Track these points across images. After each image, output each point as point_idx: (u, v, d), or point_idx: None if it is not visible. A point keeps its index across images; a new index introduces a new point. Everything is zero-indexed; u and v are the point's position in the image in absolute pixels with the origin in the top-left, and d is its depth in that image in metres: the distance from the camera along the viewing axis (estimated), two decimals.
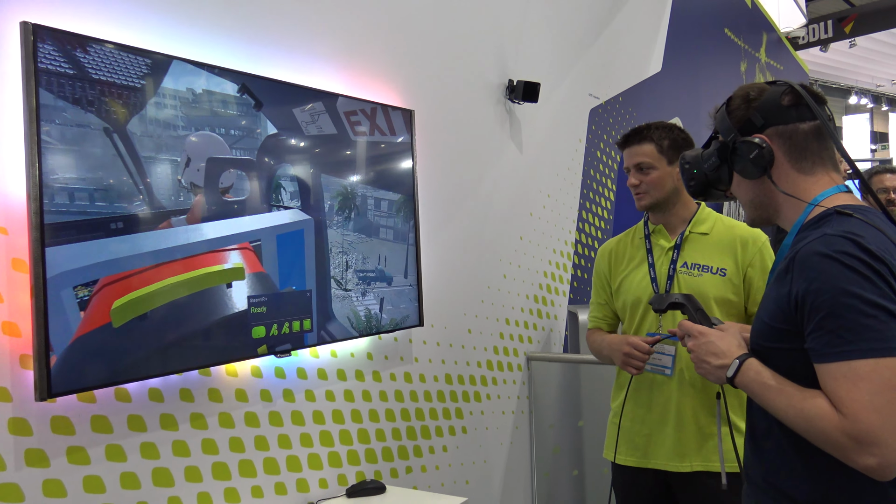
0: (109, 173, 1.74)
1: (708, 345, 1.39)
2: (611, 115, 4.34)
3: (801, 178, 1.35)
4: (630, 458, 2.18)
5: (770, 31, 8.33)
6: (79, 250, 1.66)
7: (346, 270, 2.37)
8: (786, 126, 1.34)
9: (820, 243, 1.19)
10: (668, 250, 2.17)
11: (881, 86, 18.30)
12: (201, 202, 1.96)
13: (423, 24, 2.86)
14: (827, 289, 1.16)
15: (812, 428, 1.17)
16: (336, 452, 2.41)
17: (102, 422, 1.75)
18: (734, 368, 1.31)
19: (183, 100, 1.91)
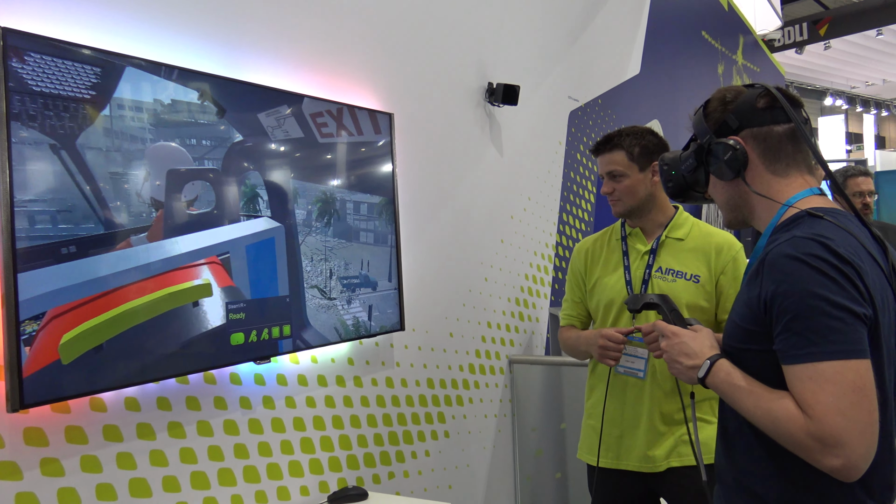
0: (58, 193, 1.63)
1: (681, 345, 1.40)
2: (590, 117, 4.36)
3: (775, 179, 1.35)
4: (603, 460, 2.18)
5: (746, 34, 8.41)
6: (24, 280, 1.55)
7: (329, 278, 2.35)
8: (760, 128, 1.34)
9: (788, 245, 1.20)
10: (643, 254, 2.17)
11: (855, 87, 18.54)
12: (163, 217, 1.87)
13: (403, 28, 2.84)
14: (794, 291, 1.16)
15: (779, 429, 1.18)
16: (317, 459, 2.39)
17: (77, 432, 1.71)
18: (705, 369, 1.32)
19: (140, 109, 1.82)
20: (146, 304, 1.80)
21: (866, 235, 1.27)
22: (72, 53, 1.68)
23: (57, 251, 1.63)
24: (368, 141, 2.57)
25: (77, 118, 1.69)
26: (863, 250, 1.21)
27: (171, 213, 1.89)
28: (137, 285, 1.78)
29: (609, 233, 2.31)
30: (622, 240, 2.24)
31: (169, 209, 1.89)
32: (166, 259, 1.85)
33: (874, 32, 12.76)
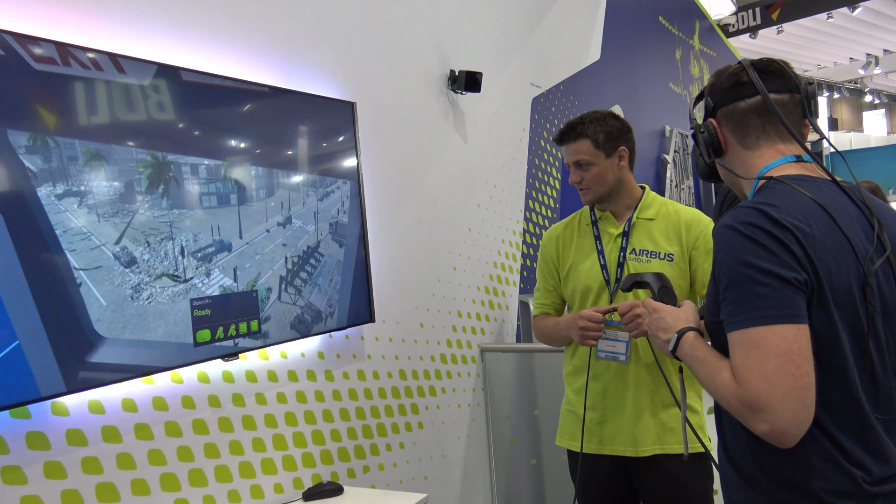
0: None
1: (658, 320, 1.43)
2: (552, 103, 4.36)
3: (747, 153, 1.37)
4: (587, 445, 2.17)
5: (702, 19, 8.50)
6: None
7: (321, 272, 2.30)
8: (727, 107, 1.37)
9: (729, 216, 1.23)
10: (616, 237, 2.16)
11: (808, 70, 18.91)
12: None
13: (363, 16, 2.80)
14: (726, 259, 1.20)
15: (720, 397, 1.20)
16: (290, 456, 2.34)
17: (39, 438, 1.65)
18: (673, 342, 1.36)
19: None
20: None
21: (838, 201, 1.26)
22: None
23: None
24: (332, 132, 2.52)
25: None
26: (820, 214, 1.21)
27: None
28: None
29: (577, 218, 2.29)
30: (592, 224, 2.22)
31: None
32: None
33: (825, 16, 13.03)
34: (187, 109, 2.00)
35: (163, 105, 1.93)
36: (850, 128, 22.22)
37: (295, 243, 2.32)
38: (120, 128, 1.82)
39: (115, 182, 1.78)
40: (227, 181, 2.09)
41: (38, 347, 1.60)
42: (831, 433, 1.19)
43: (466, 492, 3.24)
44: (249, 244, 2.15)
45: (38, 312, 1.60)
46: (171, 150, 1.94)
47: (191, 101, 2.00)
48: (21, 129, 1.59)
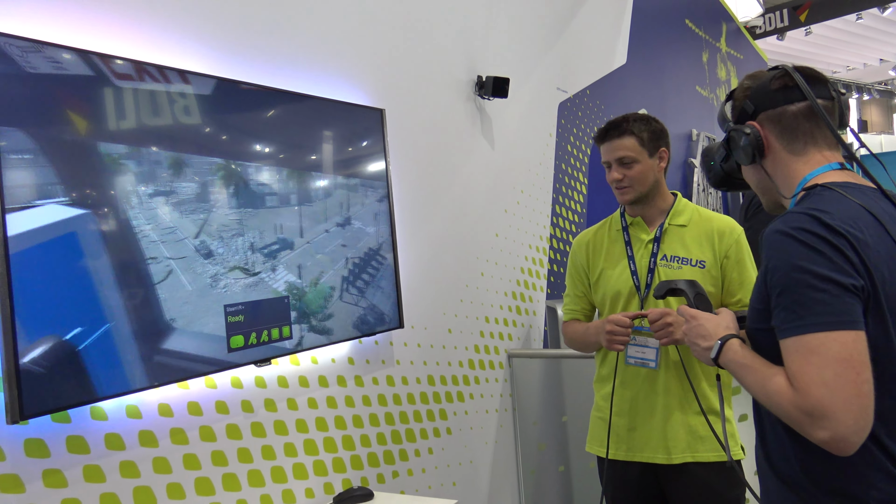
0: None
1: (697, 328, 1.41)
2: (579, 108, 4.34)
3: (793, 158, 1.35)
4: (616, 452, 2.16)
5: (729, 21, 8.42)
6: None
7: (352, 278, 2.33)
8: (774, 110, 1.35)
9: (780, 221, 1.22)
10: (647, 243, 2.15)
11: (836, 72, 18.65)
12: None
13: (392, 24, 2.82)
14: (780, 265, 1.18)
15: (773, 404, 1.19)
16: (321, 461, 2.36)
17: (79, 442, 1.68)
18: (716, 349, 1.34)
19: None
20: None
21: (885, 209, 1.26)
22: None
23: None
24: (361, 138, 2.54)
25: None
26: (870, 221, 1.20)
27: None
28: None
29: (608, 223, 2.28)
30: (623, 230, 2.21)
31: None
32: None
33: (854, 17, 12.84)
34: (246, 118, 2.04)
35: (225, 114, 1.99)
36: (880, 130, 21.86)
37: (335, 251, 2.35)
38: (191, 134, 1.93)
39: (192, 183, 1.91)
40: (281, 184, 2.12)
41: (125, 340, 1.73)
42: (883, 442, 1.18)
43: (494, 497, 3.24)
44: (310, 243, 2.28)
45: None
46: (235, 157, 2.03)
47: (247, 110, 2.05)
48: (114, 140, 1.76)
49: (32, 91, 1.60)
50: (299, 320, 2.22)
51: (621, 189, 2.14)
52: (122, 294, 1.74)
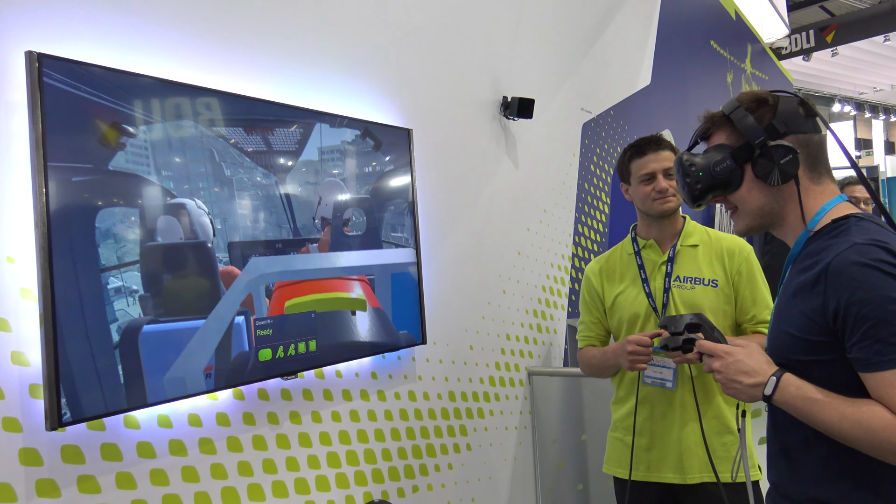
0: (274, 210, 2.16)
1: (737, 363, 1.34)
2: (603, 128, 4.38)
3: (813, 187, 1.36)
4: (635, 473, 2.18)
5: (754, 42, 8.43)
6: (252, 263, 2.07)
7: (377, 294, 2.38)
8: (804, 135, 1.35)
9: (854, 253, 1.20)
10: (661, 264, 2.18)
11: (863, 93, 18.53)
12: (329, 234, 2.32)
13: (420, 45, 2.88)
14: (871, 298, 1.16)
15: (875, 439, 1.16)
16: (343, 473, 2.40)
17: (112, 449, 1.74)
18: (772, 385, 1.28)
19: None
20: (328, 298, 2.31)
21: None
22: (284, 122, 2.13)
23: (273, 246, 2.14)
24: (393, 158, 2.60)
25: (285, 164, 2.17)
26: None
27: (335, 232, 2.35)
28: (318, 282, 2.28)
29: (619, 250, 2.32)
30: (636, 254, 2.25)
31: (334, 228, 2.35)
32: (331, 268, 2.33)
33: (881, 38, 12.78)
34: (280, 136, 2.10)
35: (260, 134, 2.04)
36: None
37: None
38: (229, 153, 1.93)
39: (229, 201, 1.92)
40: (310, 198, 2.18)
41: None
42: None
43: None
44: (337, 258, 2.38)
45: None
46: (271, 172, 2.06)
47: (282, 129, 2.11)
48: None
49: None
50: (325, 335, 2.27)
51: (666, 198, 2.15)
52: (158, 308, 1.80)
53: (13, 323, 1.58)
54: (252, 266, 2.08)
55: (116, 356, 1.70)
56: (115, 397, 1.69)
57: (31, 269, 1.59)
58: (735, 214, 1.44)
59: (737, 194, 1.40)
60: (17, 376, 1.58)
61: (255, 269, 2.09)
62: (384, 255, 2.54)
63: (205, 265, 1.94)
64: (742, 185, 1.39)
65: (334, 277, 2.34)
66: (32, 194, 1.58)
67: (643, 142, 2.21)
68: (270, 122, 2.15)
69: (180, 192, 1.88)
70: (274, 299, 2.13)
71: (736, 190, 1.40)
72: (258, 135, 2.11)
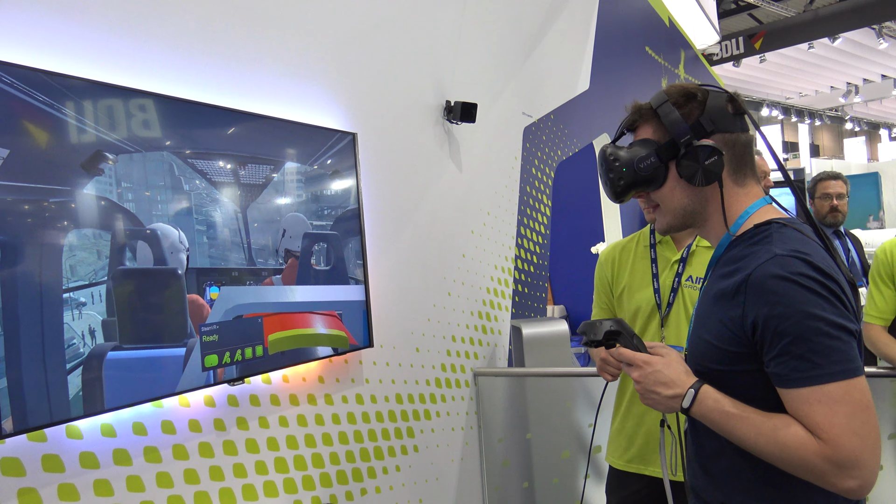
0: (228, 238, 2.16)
1: (655, 374, 1.29)
2: (543, 132, 4.46)
3: (736, 189, 1.32)
4: (629, 464, 2.22)
5: (687, 49, 8.69)
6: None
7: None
8: (731, 134, 1.30)
9: (774, 265, 1.16)
10: (673, 263, 2.19)
11: (790, 98, 19.26)
12: (296, 266, 2.35)
13: (364, 49, 2.89)
14: (790, 313, 1.13)
15: (788, 456, 1.14)
16: (291, 478, 2.39)
17: (54, 461, 1.70)
18: (690, 398, 1.24)
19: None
20: (310, 335, 2.39)
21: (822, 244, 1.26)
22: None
23: (228, 274, 2.13)
24: (336, 163, 2.60)
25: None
26: (833, 262, 1.20)
27: (303, 264, 2.38)
28: (286, 316, 2.31)
29: (637, 239, 2.32)
30: (651, 247, 2.25)
31: (303, 261, 2.38)
32: (301, 302, 2.36)
33: (806, 46, 13.33)
34: (221, 141, 2.08)
35: (199, 138, 2.01)
36: (831, 154, 22.58)
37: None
38: (162, 156, 1.90)
39: (169, 203, 1.87)
40: (254, 205, 2.16)
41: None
42: None
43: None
44: (282, 263, 2.35)
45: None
46: (209, 179, 2.02)
47: (223, 134, 2.08)
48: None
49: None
50: (271, 339, 2.26)
51: (651, 213, 2.18)
52: (98, 314, 1.77)
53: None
54: (225, 295, 2.09)
55: (57, 367, 1.66)
56: (56, 407, 1.66)
57: None
58: (656, 211, 1.40)
59: (659, 192, 1.36)
60: None
61: (230, 299, 2.10)
62: (352, 290, 2.63)
63: (175, 293, 1.96)
64: (665, 184, 1.34)
65: (307, 311, 2.40)
66: None
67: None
68: (215, 129, 2.13)
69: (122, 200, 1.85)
70: (250, 329, 2.18)
71: (659, 188, 1.35)
72: (204, 144, 2.09)
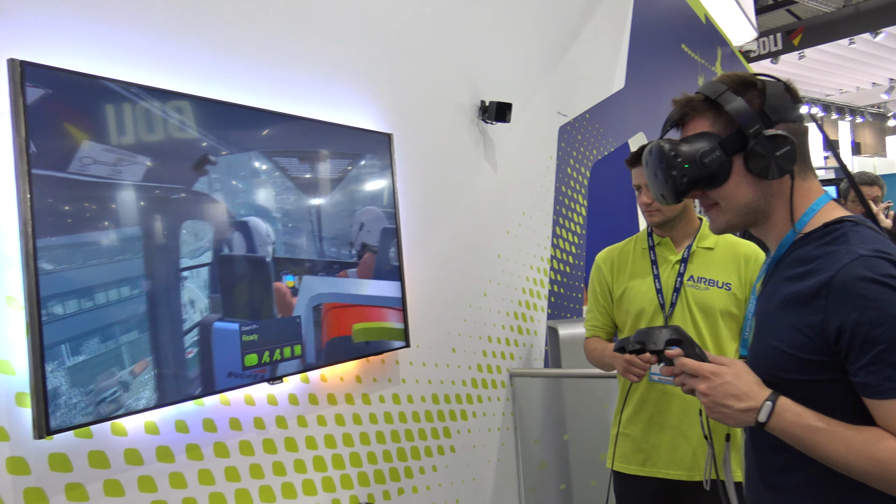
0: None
1: (725, 385, 1.17)
2: (579, 132, 4.43)
3: (801, 183, 1.22)
4: (632, 467, 2.20)
5: (724, 46, 8.58)
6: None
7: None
8: (794, 123, 1.20)
9: (860, 267, 1.08)
10: (675, 263, 2.20)
11: (830, 95, 18.89)
12: (372, 261, 2.52)
13: (400, 51, 2.90)
14: (883, 318, 1.05)
15: (885, 472, 1.05)
16: (329, 477, 2.41)
17: (99, 457, 1.73)
18: (766, 411, 1.13)
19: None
20: (382, 328, 2.55)
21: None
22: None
23: (302, 264, 2.27)
24: (372, 163, 2.62)
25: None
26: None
27: (381, 259, 2.55)
28: (360, 308, 2.47)
29: (634, 242, 2.33)
30: (650, 249, 2.26)
31: (381, 256, 2.54)
32: (373, 296, 2.52)
33: (846, 41, 13.06)
34: (264, 143, 2.11)
35: (242, 140, 2.04)
36: (873, 152, 22.10)
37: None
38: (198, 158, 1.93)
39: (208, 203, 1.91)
40: (294, 205, 2.19)
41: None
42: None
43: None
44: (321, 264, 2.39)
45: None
46: (253, 181, 2.05)
47: (266, 136, 2.11)
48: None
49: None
50: (310, 339, 2.28)
51: (650, 213, 2.19)
52: (145, 313, 1.80)
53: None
54: (307, 285, 2.26)
55: (103, 365, 1.69)
56: (102, 405, 1.69)
57: (17, 278, 1.59)
58: (714, 210, 1.27)
59: (723, 189, 1.23)
60: (4, 385, 1.57)
61: (311, 289, 2.27)
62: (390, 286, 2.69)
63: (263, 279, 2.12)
64: (730, 179, 1.22)
65: (376, 306, 2.55)
66: (17, 202, 1.58)
67: (638, 152, 2.19)
68: (285, 135, 2.16)
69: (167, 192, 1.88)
70: (331, 319, 2.34)
71: (722, 184, 1.23)
72: (279, 145, 2.12)
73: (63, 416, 1.60)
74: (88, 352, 1.67)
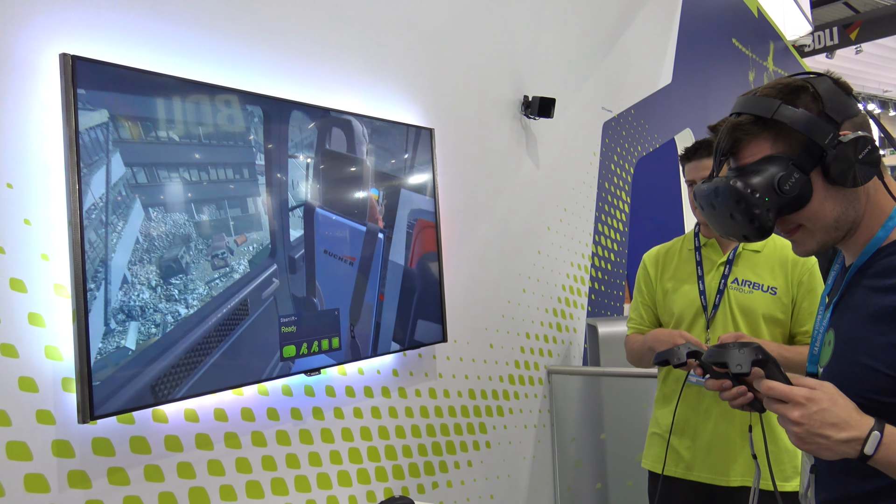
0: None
1: (822, 413, 1.01)
2: (623, 127, 4.38)
3: (872, 188, 1.10)
4: (672, 469, 2.18)
5: (777, 40, 8.37)
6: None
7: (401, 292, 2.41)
8: (858, 118, 1.08)
9: None
10: (719, 265, 2.16)
11: (888, 91, 18.31)
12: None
13: (442, 45, 2.90)
14: None
15: None
16: (365, 469, 2.43)
17: (141, 443, 1.78)
18: (874, 443, 0.98)
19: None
20: None
21: None
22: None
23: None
24: (413, 157, 2.62)
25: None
26: None
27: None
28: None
29: (681, 242, 2.29)
30: (696, 250, 2.22)
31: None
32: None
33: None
34: (311, 136, 2.13)
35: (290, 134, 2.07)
36: None
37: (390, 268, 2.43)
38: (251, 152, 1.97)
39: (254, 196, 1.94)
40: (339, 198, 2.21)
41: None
42: None
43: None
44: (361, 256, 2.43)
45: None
46: (298, 174, 2.08)
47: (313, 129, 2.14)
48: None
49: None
50: (348, 332, 2.30)
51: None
52: (186, 305, 1.84)
53: (47, 318, 1.62)
54: (405, 198, 2.54)
55: (147, 352, 1.74)
56: (145, 392, 1.73)
57: (65, 266, 1.63)
58: (799, 233, 1.13)
59: (807, 209, 1.09)
60: (51, 370, 1.62)
61: (407, 204, 2.55)
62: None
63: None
64: (813, 198, 1.09)
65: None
66: (66, 193, 1.62)
67: (695, 146, 2.15)
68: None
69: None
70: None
71: (806, 205, 1.09)
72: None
73: (107, 401, 1.65)
74: (133, 340, 1.71)
